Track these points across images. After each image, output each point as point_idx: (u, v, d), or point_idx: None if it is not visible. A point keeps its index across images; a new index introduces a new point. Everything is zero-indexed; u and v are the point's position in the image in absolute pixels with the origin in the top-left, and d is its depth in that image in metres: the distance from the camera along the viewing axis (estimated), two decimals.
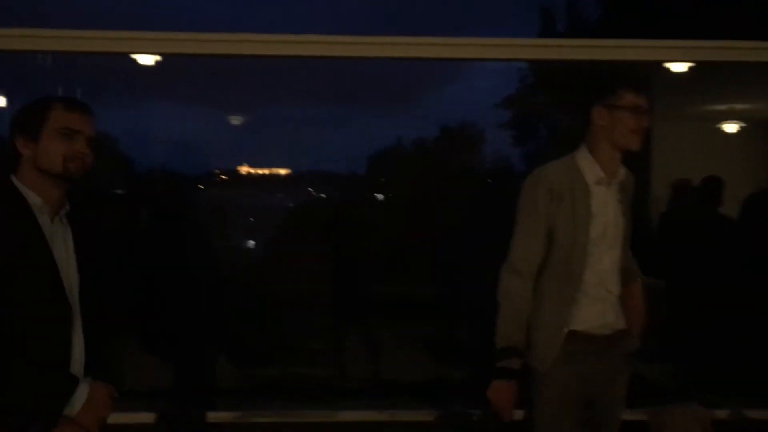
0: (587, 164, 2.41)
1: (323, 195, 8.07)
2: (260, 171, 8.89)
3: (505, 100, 6.62)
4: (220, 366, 4.50)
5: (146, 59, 3.71)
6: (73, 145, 1.95)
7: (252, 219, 7.80)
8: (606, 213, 2.40)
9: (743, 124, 5.89)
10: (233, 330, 5.09)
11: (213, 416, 3.58)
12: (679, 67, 3.64)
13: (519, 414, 2.47)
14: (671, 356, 4.29)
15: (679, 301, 4.29)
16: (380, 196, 7.20)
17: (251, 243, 7.31)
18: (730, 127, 5.96)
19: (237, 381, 4.73)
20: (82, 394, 1.91)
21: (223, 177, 8.74)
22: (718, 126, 5.94)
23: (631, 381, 2.56)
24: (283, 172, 9.06)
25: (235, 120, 7.16)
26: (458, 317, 5.01)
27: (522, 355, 2.37)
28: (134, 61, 3.70)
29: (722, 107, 5.74)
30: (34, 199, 1.93)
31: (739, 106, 5.74)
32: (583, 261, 2.35)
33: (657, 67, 3.66)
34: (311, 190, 8.57)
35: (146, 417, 3.55)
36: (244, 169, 8.82)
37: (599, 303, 2.40)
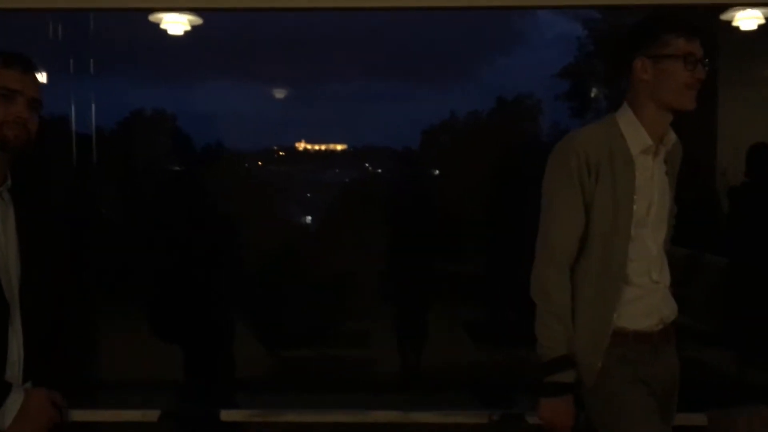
0: (632, 129, 2.03)
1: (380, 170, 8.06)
2: (316, 146, 8.92)
3: (563, 70, 6.46)
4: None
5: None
6: (10, 108, 1.70)
7: (309, 195, 7.86)
8: (651, 188, 2.05)
9: None
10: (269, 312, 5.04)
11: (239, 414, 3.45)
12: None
13: None
14: (734, 347, 4.08)
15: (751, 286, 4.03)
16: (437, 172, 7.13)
17: (308, 219, 7.37)
18: None
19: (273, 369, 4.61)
20: (13, 403, 1.69)
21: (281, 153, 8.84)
22: None
23: (688, 377, 2.26)
24: (339, 147, 9.08)
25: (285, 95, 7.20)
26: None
27: (575, 364, 2.02)
28: (187, 32, 3.70)
29: None
30: None
31: None
32: (626, 246, 2.00)
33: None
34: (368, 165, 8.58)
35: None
36: (300, 145, 8.87)
37: (648, 295, 2.06)
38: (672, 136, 2.11)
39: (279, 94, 7.38)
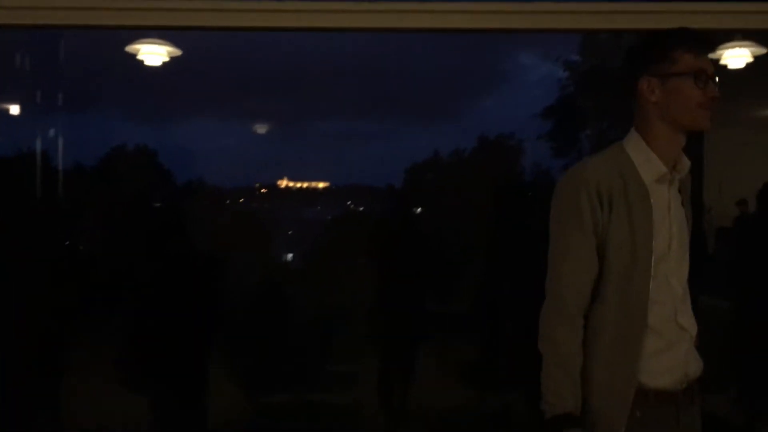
0: (642, 156, 1.80)
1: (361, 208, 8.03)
2: (298, 184, 8.89)
3: (546, 110, 6.53)
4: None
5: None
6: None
7: (290, 232, 7.80)
8: (669, 219, 1.82)
9: None
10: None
11: None
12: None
13: None
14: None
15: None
16: (418, 210, 7.13)
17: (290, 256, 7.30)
18: None
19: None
20: None
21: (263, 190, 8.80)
22: None
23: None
24: (321, 185, 9.06)
25: (271, 132, 7.18)
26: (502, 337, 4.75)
27: (582, 423, 1.75)
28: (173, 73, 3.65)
29: None
30: None
31: None
32: (647, 286, 1.75)
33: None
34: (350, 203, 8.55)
35: None
36: (282, 183, 8.83)
37: (673, 346, 1.80)
38: (686, 162, 1.88)
39: (261, 130, 7.36)
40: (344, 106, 7.21)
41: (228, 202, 7.41)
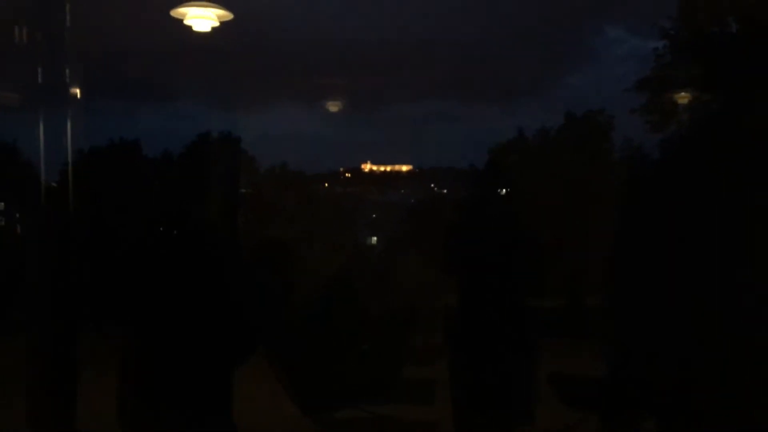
0: None
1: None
2: (382, 168, 8.87)
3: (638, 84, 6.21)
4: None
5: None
6: None
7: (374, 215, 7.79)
8: None
9: None
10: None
11: None
12: None
13: None
14: None
15: None
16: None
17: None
18: None
19: None
20: None
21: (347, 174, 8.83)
22: None
23: None
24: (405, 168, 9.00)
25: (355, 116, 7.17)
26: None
27: None
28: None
29: None
30: None
31: None
32: None
33: None
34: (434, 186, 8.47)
35: None
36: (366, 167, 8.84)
37: None
38: None
39: (344, 115, 7.36)
40: (429, 86, 7.11)
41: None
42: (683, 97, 5.15)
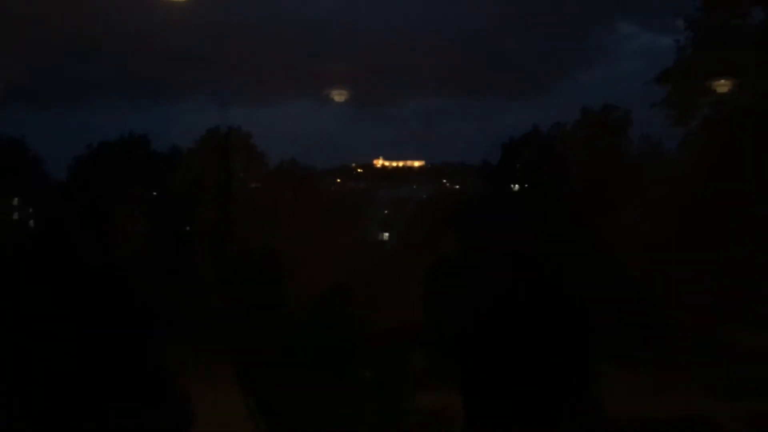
0: None
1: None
2: (394, 163, 8.81)
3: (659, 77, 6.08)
4: None
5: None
6: None
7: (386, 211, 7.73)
8: None
9: None
10: None
11: None
12: None
13: None
14: None
15: None
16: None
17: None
18: None
19: None
20: None
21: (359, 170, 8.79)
22: None
23: None
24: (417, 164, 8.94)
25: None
26: None
27: None
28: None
29: None
30: None
31: None
32: None
33: None
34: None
35: None
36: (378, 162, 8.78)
37: None
38: None
39: (355, 110, 7.30)
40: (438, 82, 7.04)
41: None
42: (710, 89, 5.08)
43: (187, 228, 5.71)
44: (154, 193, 5.49)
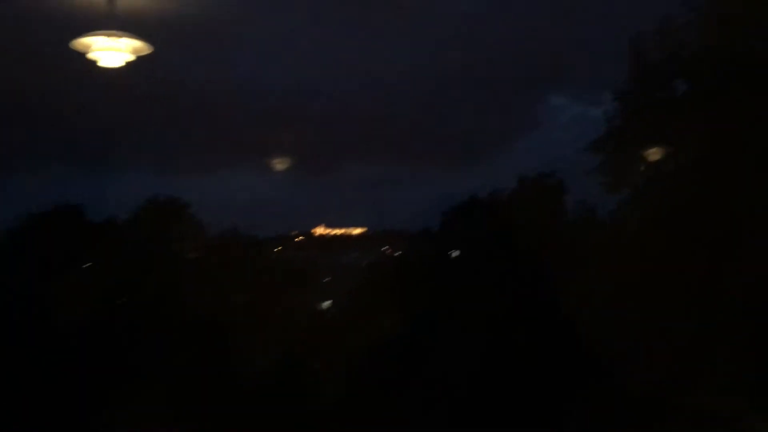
0: None
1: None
2: (334, 231, 8.81)
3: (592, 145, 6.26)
4: None
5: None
6: None
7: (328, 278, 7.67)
8: None
9: None
10: None
11: None
12: None
13: None
14: None
15: None
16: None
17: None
18: None
19: None
20: None
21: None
22: None
23: None
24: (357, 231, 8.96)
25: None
26: None
27: None
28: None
29: None
30: None
31: None
32: None
33: None
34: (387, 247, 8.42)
35: None
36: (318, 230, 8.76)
37: None
38: None
39: (297, 178, 7.31)
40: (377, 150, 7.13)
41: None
42: (640, 157, 5.25)
43: (123, 299, 5.56)
44: (89, 264, 5.34)
